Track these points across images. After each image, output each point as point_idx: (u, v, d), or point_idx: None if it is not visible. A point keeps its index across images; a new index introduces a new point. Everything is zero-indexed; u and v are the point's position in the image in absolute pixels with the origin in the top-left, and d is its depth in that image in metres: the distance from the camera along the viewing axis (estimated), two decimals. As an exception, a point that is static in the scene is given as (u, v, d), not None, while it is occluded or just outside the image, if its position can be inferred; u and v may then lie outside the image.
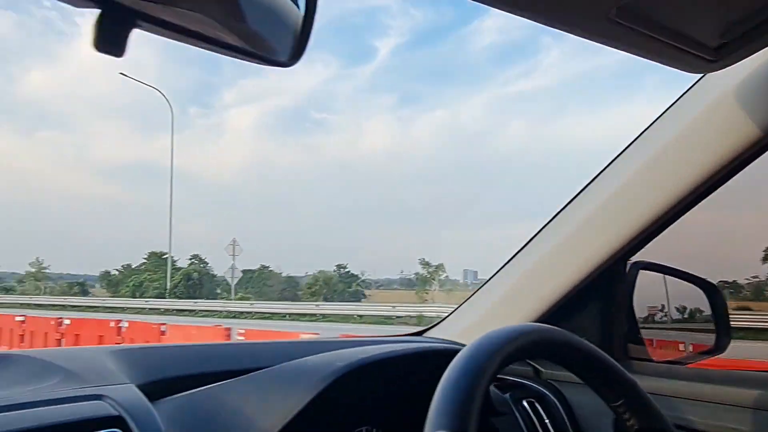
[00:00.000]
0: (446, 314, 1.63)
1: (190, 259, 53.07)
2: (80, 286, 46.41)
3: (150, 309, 35.88)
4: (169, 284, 39.38)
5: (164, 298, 38.94)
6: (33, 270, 51.16)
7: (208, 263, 54.02)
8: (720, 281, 1.73)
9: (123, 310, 36.57)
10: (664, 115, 1.25)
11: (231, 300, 36.10)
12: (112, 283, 47.08)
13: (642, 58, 0.86)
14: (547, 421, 1.27)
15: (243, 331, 10.10)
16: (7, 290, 51.72)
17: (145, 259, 53.23)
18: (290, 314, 31.29)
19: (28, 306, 40.50)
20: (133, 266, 52.96)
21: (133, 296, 41.26)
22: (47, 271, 51.94)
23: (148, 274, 45.33)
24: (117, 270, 53.30)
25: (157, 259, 53.08)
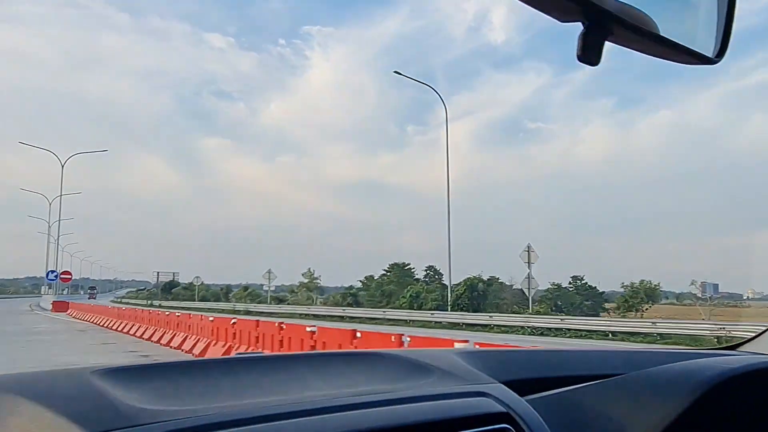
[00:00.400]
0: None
1: (426, 270, 51.59)
2: (353, 297, 44.90)
3: (435, 323, 32.61)
4: (450, 296, 35.53)
5: (443, 310, 35.57)
6: (306, 280, 51.59)
7: (443, 274, 51.32)
8: None
9: (406, 322, 33.82)
10: None
11: (531, 314, 31.02)
12: (384, 294, 44.92)
13: None
14: None
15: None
16: (280, 300, 52.77)
17: (386, 270, 52.24)
18: (614, 332, 25.43)
19: (306, 316, 39.83)
20: (375, 277, 52.12)
21: (411, 308, 38.36)
22: (318, 281, 51.98)
23: (423, 285, 42.50)
24: (360, 281, 53.12)
25: (400, 270, 51.26)
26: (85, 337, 19.56)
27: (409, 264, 52.63)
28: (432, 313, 34.32)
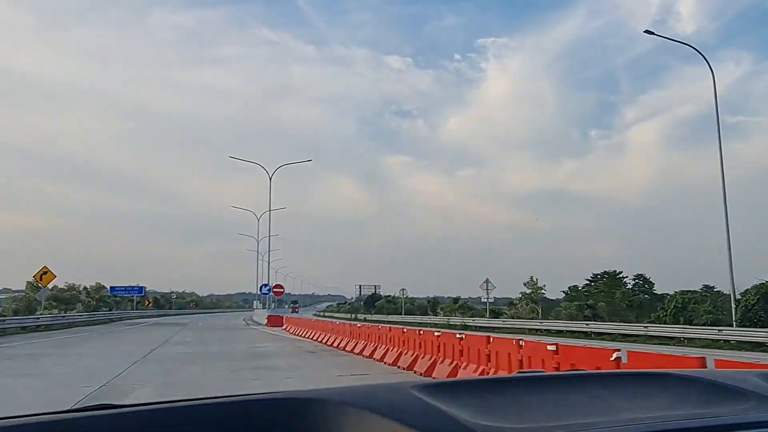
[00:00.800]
0: None
1: (634, 279, 46.05)
2: (591, 309, 37.82)
3: (723, 341, 24.94)
4: (734, 309, 27.28)
5: (719, 324, 27.60)
6: (528, 291, 45.44)
7: (654, 283, 45.40)
8: None
9: (679, 340, 26.50)
10: None
11: None
12: (632, 305, 37.28)
13: None
14: None
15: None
16: (497, 314, 47.26)
17: (589, 280, 46.96)
18: None
19: (538, 332, 33.91)
20: (579, 287, 46.82)
21: (677, 322, 30.62)
22: (543, 292, 45.49)
23: (683, 294, 34.39)
24: (563, 292, 48.06)
25: (611, 279, 45.55)
26: (321, 362, 15.39)
27: (621, 272, 46.61)
28: (719, 330, 26.48)
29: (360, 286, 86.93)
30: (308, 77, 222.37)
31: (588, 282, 46.86)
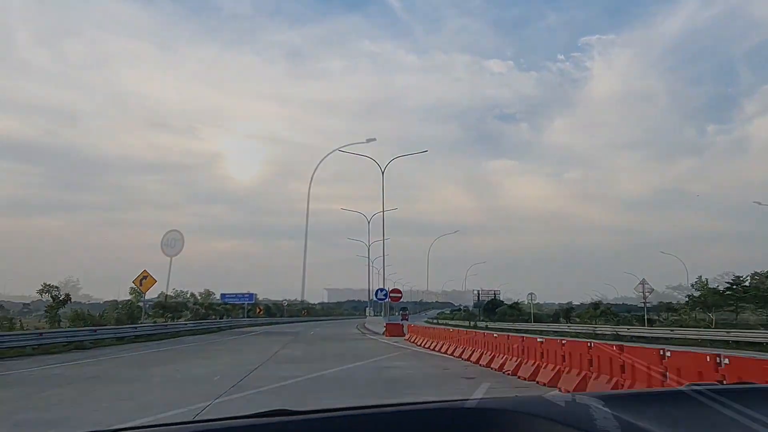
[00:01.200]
0: None
1: None
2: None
3: None
4: None
5: None
6: (696, 294, 37.69)
7: None
8: None
9: None
10: None
11: None
12: None
13: None
14: None
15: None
16: (651, 322, 39.78)
17: (729, 283, 39.12)
18: None
19: (712, 344, 26.56)
20: (721, 291, 38.11)
21: None
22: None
23: None
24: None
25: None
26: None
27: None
28: None
29: (478, 291, 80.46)
30: (410, 86, 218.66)
31: (729, 285, 39.26)
